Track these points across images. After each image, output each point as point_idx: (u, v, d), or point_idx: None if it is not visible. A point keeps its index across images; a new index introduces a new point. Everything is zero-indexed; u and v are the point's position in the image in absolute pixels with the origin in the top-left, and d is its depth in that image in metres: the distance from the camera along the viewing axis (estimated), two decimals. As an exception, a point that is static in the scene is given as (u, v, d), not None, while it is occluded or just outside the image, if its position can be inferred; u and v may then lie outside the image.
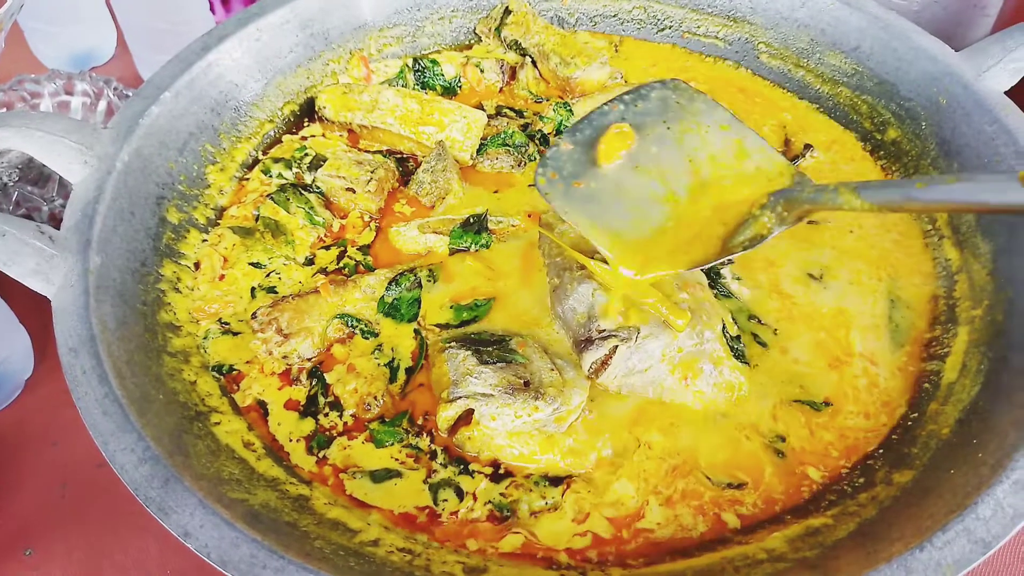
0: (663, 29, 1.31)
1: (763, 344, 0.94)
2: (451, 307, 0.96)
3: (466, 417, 0.83)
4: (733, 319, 0.95)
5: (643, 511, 0.80)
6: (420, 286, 0.97)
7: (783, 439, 0.86)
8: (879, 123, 1.13)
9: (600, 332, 0.86)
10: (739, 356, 0.91)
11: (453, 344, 0.89)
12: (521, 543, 0.77)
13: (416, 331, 0.94)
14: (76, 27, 1.52)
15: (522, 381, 0.85)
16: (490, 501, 0.80)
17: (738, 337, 0.93)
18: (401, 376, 0.90)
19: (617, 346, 0.85)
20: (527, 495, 0.81)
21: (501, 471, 0.83)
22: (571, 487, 0.81)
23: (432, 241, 1.02)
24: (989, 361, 0.85)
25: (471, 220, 1.03)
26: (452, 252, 1.02)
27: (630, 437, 0.85)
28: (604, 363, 0.86)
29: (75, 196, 0.90)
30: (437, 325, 0.95)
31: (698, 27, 1.29)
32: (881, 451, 0.83)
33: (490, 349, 0.88)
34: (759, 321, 0.96)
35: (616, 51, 1.31)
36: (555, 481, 0.82)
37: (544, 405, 0.82)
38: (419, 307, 0.96)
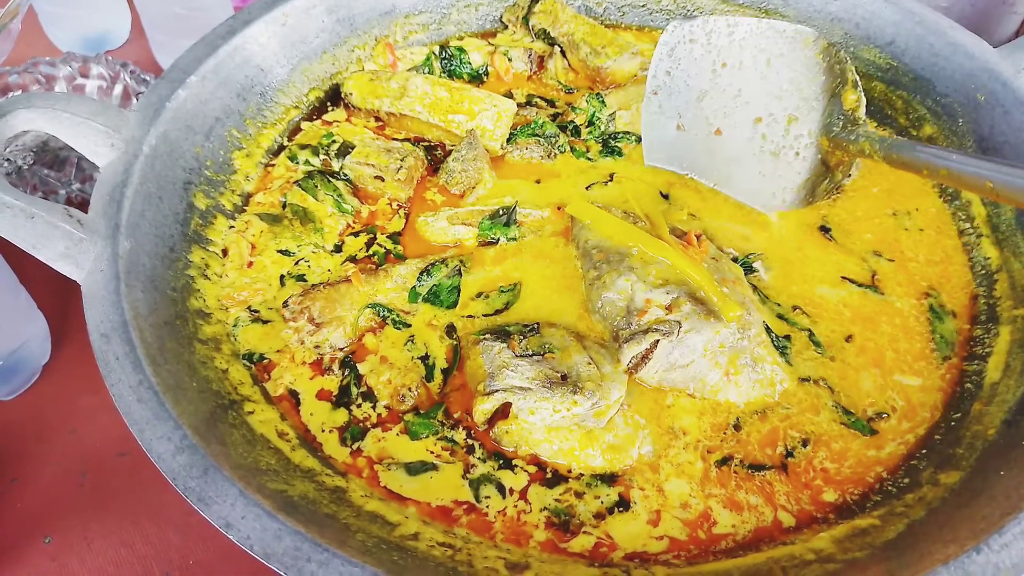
0: (692, 20, 1.29)
1: (817, 343, 0.92)
2: (483, 297, 0.95)
3: (503, 411, 0.82)
4: (781, 316, 0.94)
5: (709, 512, 0.79)
6: (460, 273, 0.96)
7: (805, 443, 0.84)
8: (915, 119, 1.11)
9: (640, 326, 0.84)
10: (782, 353, 0.90)
11: (488, 336, 0.88)
12: (592, 544, 0.76)
13: (449, 330, 0.92)
14: (90, 10, 1.51)
15: (559, 375, 0.83)
16: (546, 507, 0.79)
17: (788, 336, 0.92)
18: (438, 376, 0.88)
19: (658, 340, 0.83)
20: (582, 501, 0.79)
21: (549, 474, 0.81)
22: (629, 485, 0.81)
23: (461, 233, 1.01)
24: (1035, 362, 0.84)
25: (500, 212, 1.01)
26: (481, 244, 1.01)
27: (662, 429, 0.85)
28: (644, 358, 0.84)
29: (103, 179, 0.88)
30: (470, 316, 0.93)
31: (728, 19, 1.27)
32: (925, 451, 0.82)
33: (525, 342, 0.86)
34: (803, 311, 0.95)
35: None
36: (608, 479, 0.81)
37: (583, 399, 0.81)
38: (459, 294, 0.95)
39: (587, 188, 1.08)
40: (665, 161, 1.10)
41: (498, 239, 1.01)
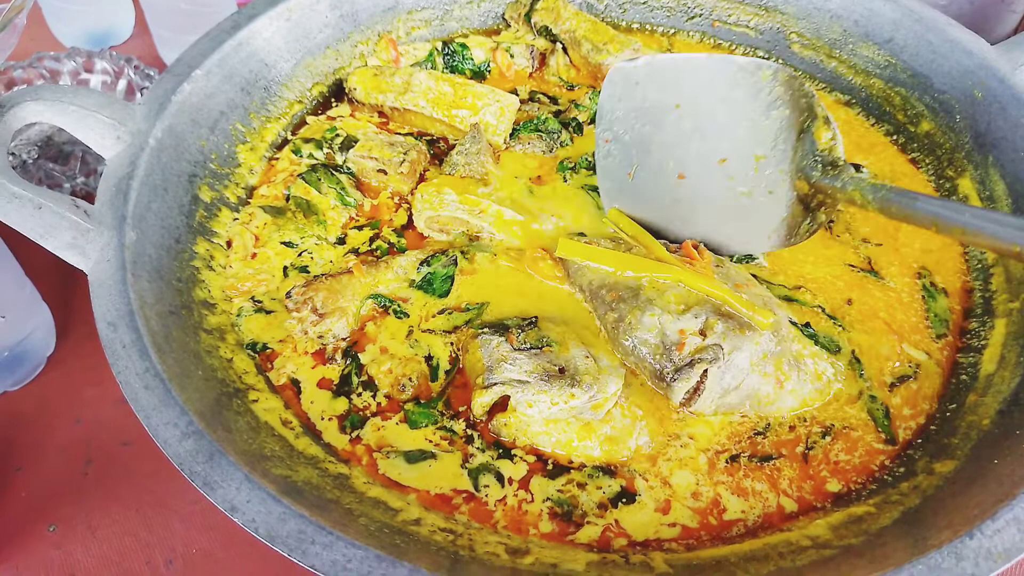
0: (693, 17, 1.31)
1: (832, 317, 0.94)
2: (446, 313, 0.94)
3: (502, 403, 0.83)
4: (787, 298, 0.95)
5: (719, 499, 0.80)
6: (456, 263, 0.97)
7: (825, 434, 0.85)
8: (912, 115, 1.12)
9: (684, 359, 0.81)
10: (817, 343, 0.90)
11: (486, 330, 0.88)
12: (599, 534, 0.77)
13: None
14: (95, 6, 1.51)
15: (557, 368, 0.84)
16: (548, 498, 0.79)
17: (807, 324, 0.92)
18: (441, 376, 0.88)
19: (707, 369, 0.81)
20: (584, 492, 0.80)
21: (550, 465, 0.82)
22: (630, 477, 0.81)
23: (437, 236, 1.02)
24: (1029, 354, 0.85)
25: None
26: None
27: (663, 430, 0.85)
28: (696, 391, 0.82)
29: (109, 171, 0.89)
30: (429, 331, 0.93)
31: (729, 15, 1.28)
32: (920, 441, 0.83)
33: (523, 335, 0.87)
34: (808, 290, 0.96)
35: (670, 51, 1.31)
36: (609, 471, 0.82)
37: (580, 392, 0.82)
38: (452, 283, 0.95)
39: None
40: (627, 209, 1.00)
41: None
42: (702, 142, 0.93)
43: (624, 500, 0.79)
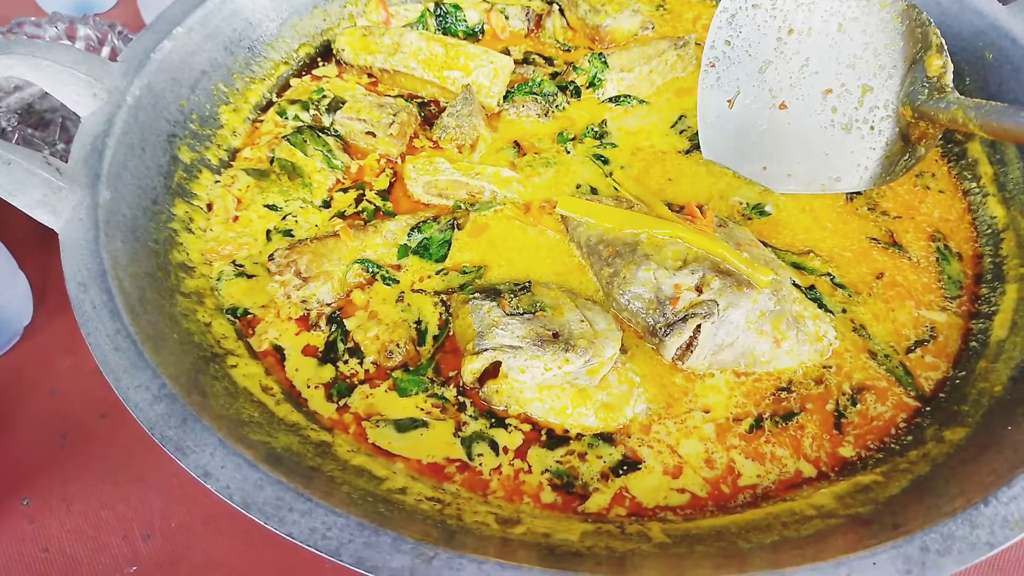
0: (693, -20, 1.27)
1: (842, 286, 0.90)
2: (442, 274, 0.91)
3: (493, 370, 0.80)
4: (796, 265, 0.92)
5: (734, 467, 0.77)
6: (453, 228, 0.93)
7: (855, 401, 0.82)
8: (920, 79, 1.08)
9: (677, 314, 0.80)
10: (820, 305, 0.87)
11: (477, 295, 0.85)
12: (609, 500, 0.74)
13: (442, 300, 0.89)
14: (78, -29, 1.47)
15: (551, 332, 0.81)
16: (547, 469, 0.76)
17: (812, 287, 0.89)
18: (429, 342, 0.85)
19: (700, 324, 0.79)
20: (584, 462, 0.77)
21: (543, 435, 0.79)
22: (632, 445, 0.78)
23: (436, 201, 0.98)
24: (1042, 319, 0.82)
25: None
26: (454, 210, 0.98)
27: (667, 392, 0.82)
28: (688, 346, 0.80)
29: (84, 129, 0.85)
30: (421, 291, 0.90)
31: (731, -21, 1.24)
32: (929, 409, 0.80)
33: (516, 300, 0.84)
34: (815, 254, 0.93)
35: (663, 9, 1.27)
36: (608, 439, 0.78)
37: (575, 357, 0.78)
38: (449, 248, 0.92)
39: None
40: (719, 138, 0.98)
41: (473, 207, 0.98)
42: (810, 71, 0.94)
43: (625, 468, 0.76)
